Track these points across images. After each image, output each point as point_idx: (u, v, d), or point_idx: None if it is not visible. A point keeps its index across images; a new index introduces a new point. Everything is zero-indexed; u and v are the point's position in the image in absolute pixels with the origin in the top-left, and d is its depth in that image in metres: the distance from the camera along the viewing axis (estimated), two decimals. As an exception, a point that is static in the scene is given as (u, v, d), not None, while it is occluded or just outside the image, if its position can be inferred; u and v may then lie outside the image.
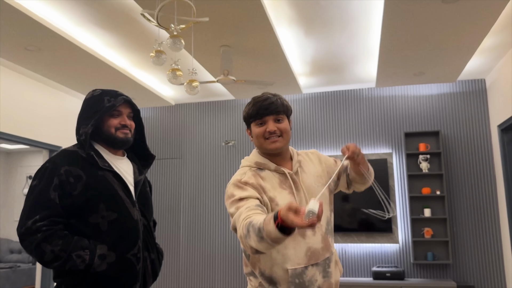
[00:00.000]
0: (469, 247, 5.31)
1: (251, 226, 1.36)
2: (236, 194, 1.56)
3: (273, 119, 1.64)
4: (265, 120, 1.64)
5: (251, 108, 1.66)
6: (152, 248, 1.87)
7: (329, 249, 1.66)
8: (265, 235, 1.29)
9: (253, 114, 1.65)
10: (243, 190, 1.57)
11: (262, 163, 1.68)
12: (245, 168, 1.69)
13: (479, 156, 5.46)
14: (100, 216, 1.71)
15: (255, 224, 1.34)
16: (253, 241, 1.35)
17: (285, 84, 5.44)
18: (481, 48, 4.63)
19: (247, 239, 1.38)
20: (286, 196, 1.61)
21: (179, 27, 2.59)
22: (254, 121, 1.66)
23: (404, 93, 5.78)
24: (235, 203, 1.54)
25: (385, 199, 1.79)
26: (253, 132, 1.67)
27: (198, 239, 6.12)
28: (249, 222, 1.38)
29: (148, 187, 2.06)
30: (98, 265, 1.65)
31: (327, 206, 1.70)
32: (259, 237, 1.32)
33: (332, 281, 1.63)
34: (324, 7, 3.68)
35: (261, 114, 1.63)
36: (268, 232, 1.27)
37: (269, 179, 1.63)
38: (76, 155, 1.77)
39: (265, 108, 1.62)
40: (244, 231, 1.39)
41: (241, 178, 1.62)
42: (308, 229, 1.49)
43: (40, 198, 1.68)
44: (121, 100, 1.85)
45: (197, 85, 3.12)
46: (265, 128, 1.63)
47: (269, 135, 1.63)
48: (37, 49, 4.14)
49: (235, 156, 6.20)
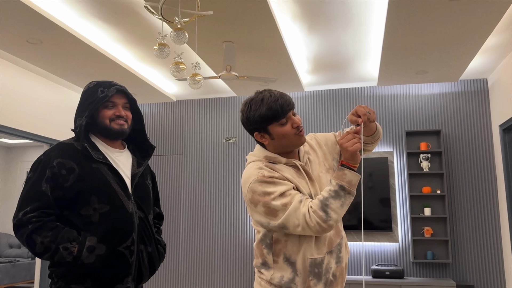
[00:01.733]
0: (469, 246, 5.31)
1: (328, 199, 1.47)
2: (272, 191, 1.49)
3: (292, 113, 1.60)
4: (288, 116, 1.57)
5: (269, 110, 1.54)
6: (150, 241, 1.85)
7: (340, 234, 1.66)
8: (348, 187, 1.47)
9: (276, 115, 1.54)
10: (276, 184, 1.51)
11: (272, 157, 1.63)
12: (256, 164, 1.61)
13: (480, 156, 5.46)
14: (92, 208, 1.71)
15: (330, 194, 1.48)
16: (336, 211, 1.46)
17: (287, 81, 5.43)
18: (483, 48, 4.62)
19: (329, 216, 1.45)
20: (305, 186, 1.59)
21: (183, 20, 2.58)
22: (277, 121, 1.56)
23: (406, 92, 5.78)
24: (279, 200, 1.48)
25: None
26: (279, 132, 1.57)
27: (198, 235, 6.11)
28: (321, 201, 1.47)
29: (150, 178, 2.04)
30: (86, 257, 1.65)
31: None
32: (342, 197, 1.47)
33: (343, 265, 1.64)
34: (328, 4, 3.67)
35: (285, 112, 1.55)
36: (348, 182, 1.47)
37: (285, 170, 1.59)
38: (71, 148, 1.77)
39: (287, 104, 1.56)
40: (321, 213, 1.45)
41: (262, 174, 1.53)
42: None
43: (32, 190, 1.70)
44: (113, 90, 1.83)
45: (200, 79, 3.11)
46: (291, 124, 1.58)
47: (297, 130, 1.59)
48: (39, 42, 4.13)
49: (236, 153, 6.20)
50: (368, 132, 1.71)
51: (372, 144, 1.80)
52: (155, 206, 2.09)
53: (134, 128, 2.00)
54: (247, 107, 1.60)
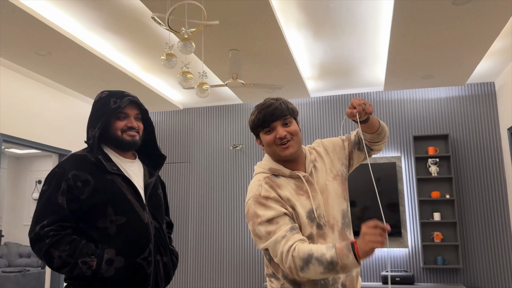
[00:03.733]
0: (480, 251, 5.26)
1: (315, 259, 1.38)
2: (261, 214, 1.51)
3: (281, 123, 1.59)
4: (273, 126, 1.59)
5: (256, 117, 1.61)
6: (165, 251, 1.85)
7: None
8: (340, 268, 1.36)
9: (259, 123, 1.60)
10: (266, 208, 1.51)
11: (276, 169, 1.62)
12: (259, 176, 1.63)
13: (489, 159, 5.42)
14: (108, 220, 1.70)
15: (321, 257, 1.38)
16: (313, 272, 1.39)
17: (293, 88, 5.45)
18: (490, 51, 4.61)
19: (304, 271, 1.40)
20: (304, 202, 1.57)
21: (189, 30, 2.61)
22: (262, 130, 1.61)
23: (412, 96, 5.77)
24: (264, 225, 1.50)
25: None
26: (264, 140, 1.62)
27: (207, 243, 6.11)
28: (308, 255, 1.39)
29: (161, 188, 2.04)
30: (106, 271, 1.64)
31: (340, 198, 1.66)
32: (327, 269, 1.37)
33: (353, 275, 1.61)
34: (333, 10, 3.68)
35: (268, 121, 1.58)
36: (344, 265, 1.35)
37: (285, 186, 1.59)
38: (85, 159, 1.77)
39: (270, 114, 1.57)
40: (298, 262, 1.40)
41: (259, 193, 1.55)
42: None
43: (48, 203, 1.68)
44: (126, 101, 1.82)
45: (207, 88, 3.13)
46: (274, 134, 1.59)
47: (280, 141, 1.58)
48: (47, 53, 4.18)
49: (243, 160, 6.21)
50: (370, 129, 1.70)
51: (378, 144, 1.77)
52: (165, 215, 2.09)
53: (145, 138, 2.00)
54: (252, 112, 1.67)
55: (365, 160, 1.84)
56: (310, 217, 1.55)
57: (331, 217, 1.60)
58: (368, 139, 1.76)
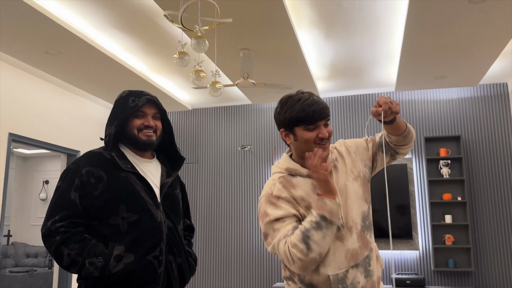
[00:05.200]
0: (492, 254, 5.18)
1: (310, 230, 1.41)
2: (270, 213, 1.51)
3: (324, 123, 1.56)
4: (318, 124, 1.54)
5: (301, 112, 1.52)
6: (179, 252, 1.81)
7: (368, 246, 1.58)
8: (329, 216, 1.41)
9: (305, 119, 1.52)
10: (276, 207, 1.51)
11: (294, 169, 1.60)
12: (275, 176, 1.62)
13: (502, 161, 5.34)
14: (120, 217, 1.69)
15: (311, 226, 1.41)
16: (318, 243, 1.40)
17: (303, 87, 5.40)
18: (503, 52, 4.54)
19: (311, 249, 1.40)
20: None
21: (203, 28, 2.57)
22: (304, 125, 1.54)
23: (424, 97, 5.70)
24: (271, 224, 1.50)
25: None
26: (301, 136, 1.55)
27: (214, 243, 6.07)
28: (302, 233, 1.42)
29: (179, 189, 2.01)
30: (114, 267, 1.62)
31: (361, 200, 1.62)
32: (325, 228, 1.40)
33: (374, 279, 1.57)
34: (346, 9, 3.64)
35: (315, 119, 1.52)
36: (329, 211, 1.41)
37: (302, 185, 1.57)
38: (100, 156, 1.77)
39: (320, 112, 1.52)
40: (301, 247, 1.40)
41: (272, 192, 1.55)
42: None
43: (61, 198, 1.69)
44: (144, 99, 1.82)
45: (220, 87, 3.09)
46: (317, 133, 1.54)
47: (320, 141, 1.55)
48: (58, 53, 4.16)
49: (251, 160, 6.16)
50: (396, 131, 1.65)
51: (404, 147, 1.73)
52: (185, 218, 2.05)
53: (164, 139, 1.97)
54: (283, 102, 1.59)
55: (390, 163, 1.78)
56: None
57: (350, 219, 1.56)
58: (394, 142, 1.71)
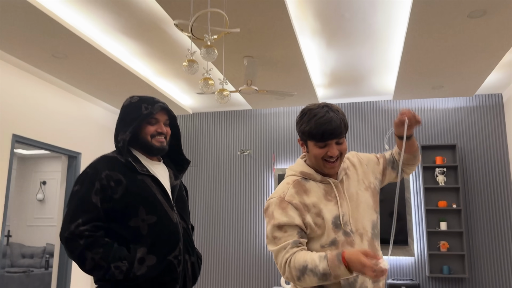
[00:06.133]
0: (486, 261, 5.29)
1: (309, 271, 1.44)
2: (276, 217, 1.56)
3: (335, 141, 1.58)
4: (328, 143, 1.57)
5: (313, 129, 1.56)
6: (193, 251, 1.89)
7: (376, 253, 1.65)
8: (333, 278, 1.42)
9: (316, 137, 1.56)
10: (283, 213, 1.56)
11: (308, 173, 1.66)
12: (289, 179, 1.67)
13: (496, 170, 5.46)
14: (140, 219, 1.74)
15: (314, 268, 1.43)
16: (309, 282, 1.46)
17: (303, 94, 5.49)
18: (499, 64, 4.66)
19: (300, 280, 1.47)
20: (332, 208, 1.60)
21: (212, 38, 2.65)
22: (315, 142, 1.58)
23: (421, 106, 5.81)
24: (273, 229, 1.56)
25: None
26: (312, 151, 1.61)
27: (213, 247, 6.13)
28: (303, 266, 1.46)
29: (185, 191, 2.09)
30: (138, 269, 1.67)
31: (371, 209, 1.69)
32: (322, 279, 1.43)
33: (380, 285, 1.64)
34: (349, 20, 3.73)
35: (325, 139, 1.55)
36: (336, 275, 1.41)
37: (314, 190, 1.62)
38: (116, 160, 1.81)
39: (330, 133, 1.54)
40: (295, 273, 1.47)
41: (284, 196, 1.59)
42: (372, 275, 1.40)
43: (82, 202, 1.71)
44: (158, 107, 1.88)
45: (228, 94, 3.17)
46: (326, 150, 1.58)
47: (330, 158, 1.59)
48: (64, 56, 4.22)
49: (250, 165, 6.24)
50: (409, 148, 1.73)
51: (412, 166, 1.81)
52: None
53: (171, 142, 2.06)
54: (303, 114, 1.62)
55: (395, 180, 1.84)
56: (335, 223, 1.58)
57: (360, 226, 1.62)
58: (404, 159, 1.78)
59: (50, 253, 7.83)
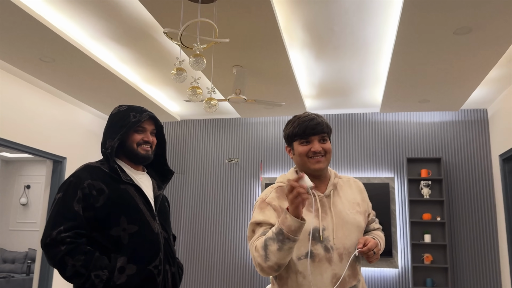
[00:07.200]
0: (469, 274, 5.34)
1: (269, 240, 1.47)
2: (254, 216, 1.64)
3: (318, 139, 1.66)
4: (311, 139, 1.66)
5: (296, 127, 1.67)
6: (173, 262, 1.90)
7: (357, 277, 1.63)
8: (287, 232, 1.42)
9: (298, 133, 1.66)
10: (261, 212, 1.63)
11: None
12: (275, 185, 1.73)
13: (480, 184, 5.53)
14: (121, 228, 1.74)
15: (270, 235, 1.48)
16: (273, 254, 1.46)
17: (291, 105, 5.52)
18: (485, 80, 4.74)
19: (268, 258, 1.47)
20: (311, 219, 1.60)
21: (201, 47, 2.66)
22: (299, 140, 1.67)
23: (407, 119, 5.88)
24: (252, 226, 1.65)
25: None
26: (297, 150, 1.68)
27: (198, 255, 6.09)
28: (264, 240, 1.49)
29: (167, 202, 2.09)
30: (118, 279, 1.67)
31: (360, 232, 1.68)
32: (280, 241, 1.43)
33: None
34: (338, 33, 3.78)
35: (307, 134, 1.65)
36: (287, 227, 1.42)
37: None
38: (99, 170, 1.82)
39: (312, 128, 1.64)
40: (261, 253, 1.49)
41: (265, 197, 1.67)
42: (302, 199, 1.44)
43: (64, 209, 1.71)
44: (146, 116, 1.91)
45: (215, 104, 3.18)
46: (309, 147, 1.65)
47: (314, 154, 1.65)
48: (51, 60, 4.19)
49: (237, 173, 6.23)
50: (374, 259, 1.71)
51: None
52: None
53: (156, 152, 2.07)
54: (289, 121, 1.74)
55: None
56: (313, 235, 1.58)
57: (342, 246, 1.60)
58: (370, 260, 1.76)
59: (32, 258, 7.70)
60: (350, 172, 5.88)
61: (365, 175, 5.83)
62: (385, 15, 3.47)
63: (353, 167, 5.89)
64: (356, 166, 5.89)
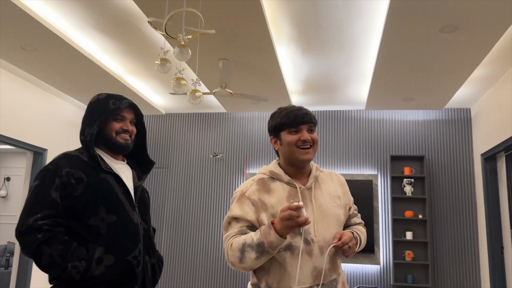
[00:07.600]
0: (449, 271, 5.41)
1: (247, 246, 1.49)
2: (232, 209, 1.63)
3: (307, 128, 1.66)
4: (300, 128, 1.65)
5: (285, 117, 1.66)
6: (153, 253, 1.87)
7: (337, 270, 1.64)
8: (267, 246, 1.45)
9: (288, 122, 1.65)
10: (240, 206, 1.62)
11: (277, 173, 1.68)
12: (256, 177, 1.71)
13: (462, 183, 5.60)
14: (99, 218, 1.70)
15: (252, 243, 1.49)
16: (250, 260, 1.50)
17: (277, 100, 5.50)
18: (469, 79, 4.79)
19: (242, 261, 1.51)
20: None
21: (186, 37, 2.62)
22: (288, 129, 1.66)
23: (392, 117, 5.92)
24: (228, 219, 1.65)
25: None
26: (285, 139, 1.66)
27: (181, 250, 6.05)
28: (242, 244, 1.51)
29: (146, 194, 2.06)
30: (96, 269, 1.63)
31: (340, 225, 1.68)
32: (259, 252, 1.47)
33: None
34: (325, 29, 3.77)
35: (297, 123, 1.64)
36: (269, 242, 1.45)
37: (278, 191, 1.63)
38: (78, 159, 1.78)
39: (301, 117, 1.65)
40: (236, 254, 1.52)
41: (246, 190, 1.65)
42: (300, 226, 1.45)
43: (42, 197, 1.66)
44: (125, 103, 1.86)
45: (200, 95, 3.14)
46: (299, 136, 1.64)
47: (303, 143, 1.64)
48: (33, 49, 4.09)
49: (222, 168, 6.20)
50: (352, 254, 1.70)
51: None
52: None
53: (136, 143, 2.03)
54: (275, 112, 1.74)
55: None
56: None
57: (322, 239, 1.59)
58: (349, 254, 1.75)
59: (11, 252, 7.55)
60: (334, 169, 5.90)
61: (349, 172, 5.85)
62: (372, 11, 3.47)
63: (337, 163, 5.91)
64: (340, 163, 5.91)
